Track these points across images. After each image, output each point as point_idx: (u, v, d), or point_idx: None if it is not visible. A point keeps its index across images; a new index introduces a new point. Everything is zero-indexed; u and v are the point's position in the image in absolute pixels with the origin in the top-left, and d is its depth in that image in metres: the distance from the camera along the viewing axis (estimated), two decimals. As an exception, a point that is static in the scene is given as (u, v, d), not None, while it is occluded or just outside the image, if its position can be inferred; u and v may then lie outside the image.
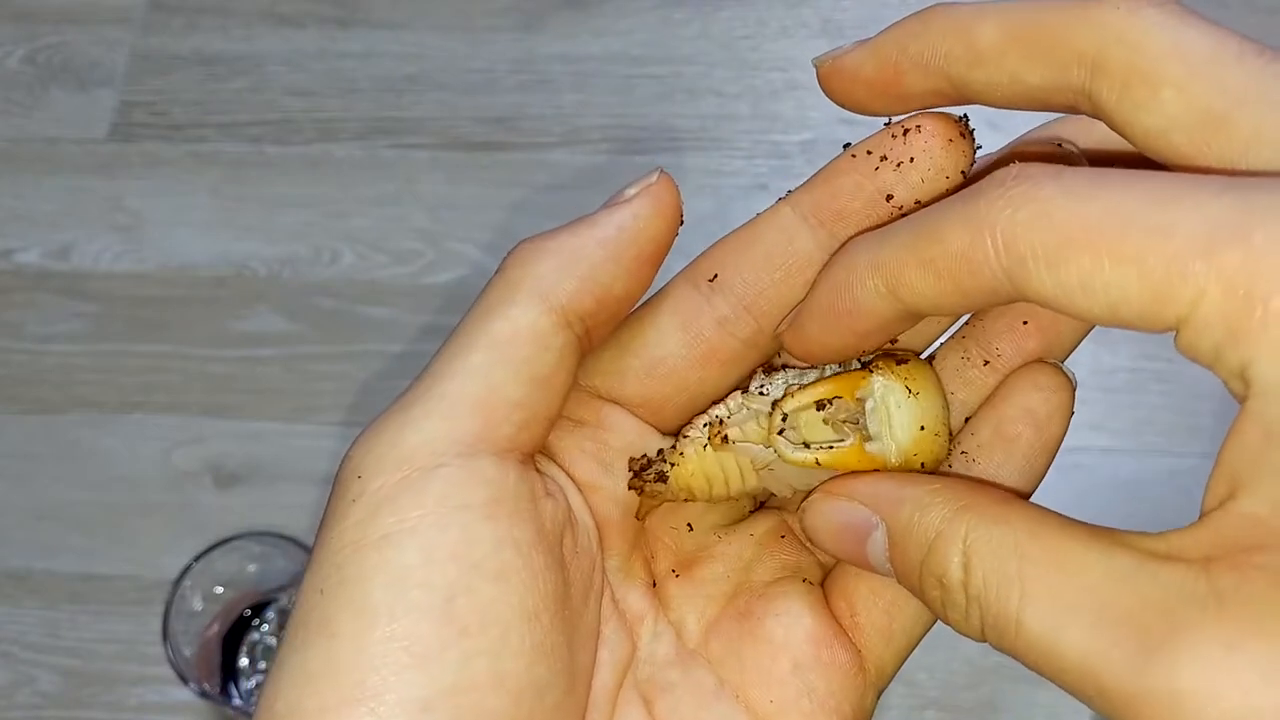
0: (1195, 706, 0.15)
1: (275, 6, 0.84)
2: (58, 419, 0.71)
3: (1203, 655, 0.15)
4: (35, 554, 0.67)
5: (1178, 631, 0.15)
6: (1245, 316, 0.15)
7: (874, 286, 0.19)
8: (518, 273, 0.21)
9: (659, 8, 0.83)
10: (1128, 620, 0.16)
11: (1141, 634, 0.16)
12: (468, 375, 0.21)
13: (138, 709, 0.63)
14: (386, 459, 0.20)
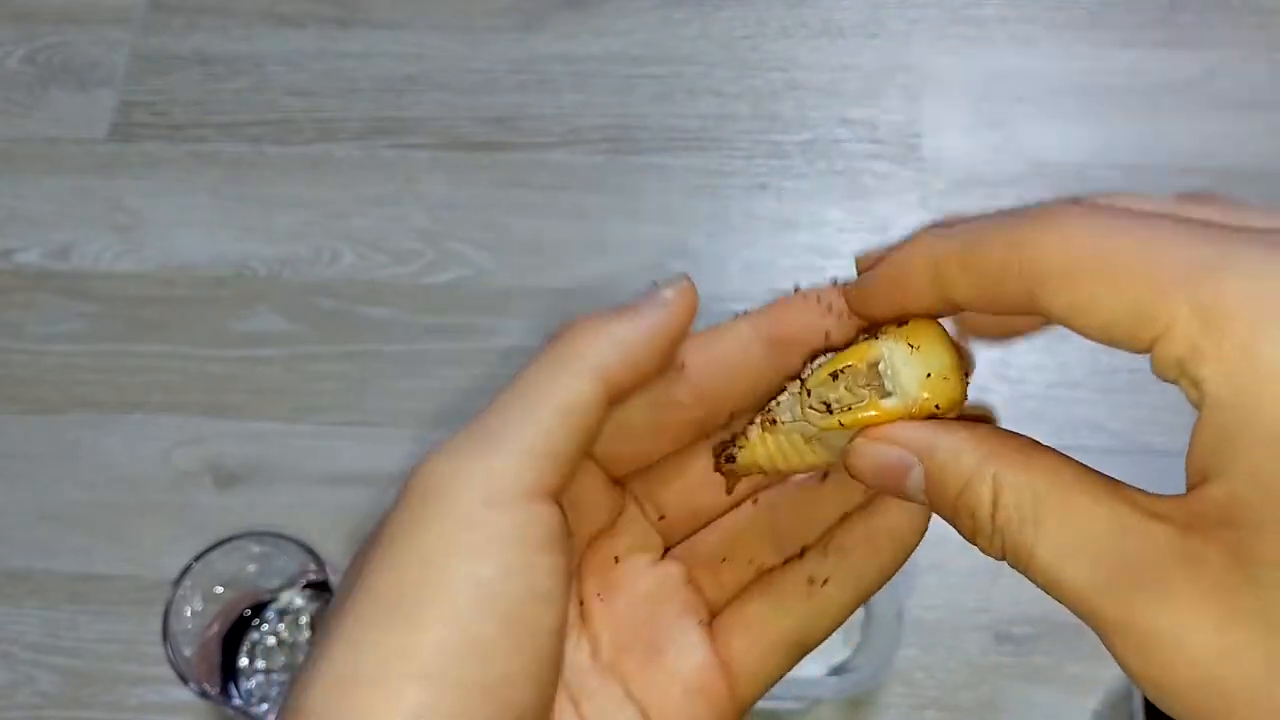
0: (1167, 643, 0.19)
1: (275, 6, 0.84)
2: (58, 419, 0.71)
3: (1178, 604, 0.19)
4: (35, 554, 0.67)
5: (1160, 581, 0.19)
6: (1205, 338, 0.18)
7: (925, 271, 0.23)
8: (580, 348, 0.25)
9: (659, 8, 0.83)
10: (1121, 564, 0.20)
11: (1131, 577, 0.20)
12: (538, 432, 0.24)
13: (138, 709, 0.63)
14: (472, 486, 0.23)
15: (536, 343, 0.68)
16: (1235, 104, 0.78)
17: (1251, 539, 0.19)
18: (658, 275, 0.78)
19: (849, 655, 0.61)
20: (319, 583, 0.59)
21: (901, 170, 0.77)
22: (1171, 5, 0.82)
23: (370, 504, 0.67)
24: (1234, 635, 0.19)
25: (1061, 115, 0.79)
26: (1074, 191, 0.77)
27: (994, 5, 0.83)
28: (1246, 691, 0.19)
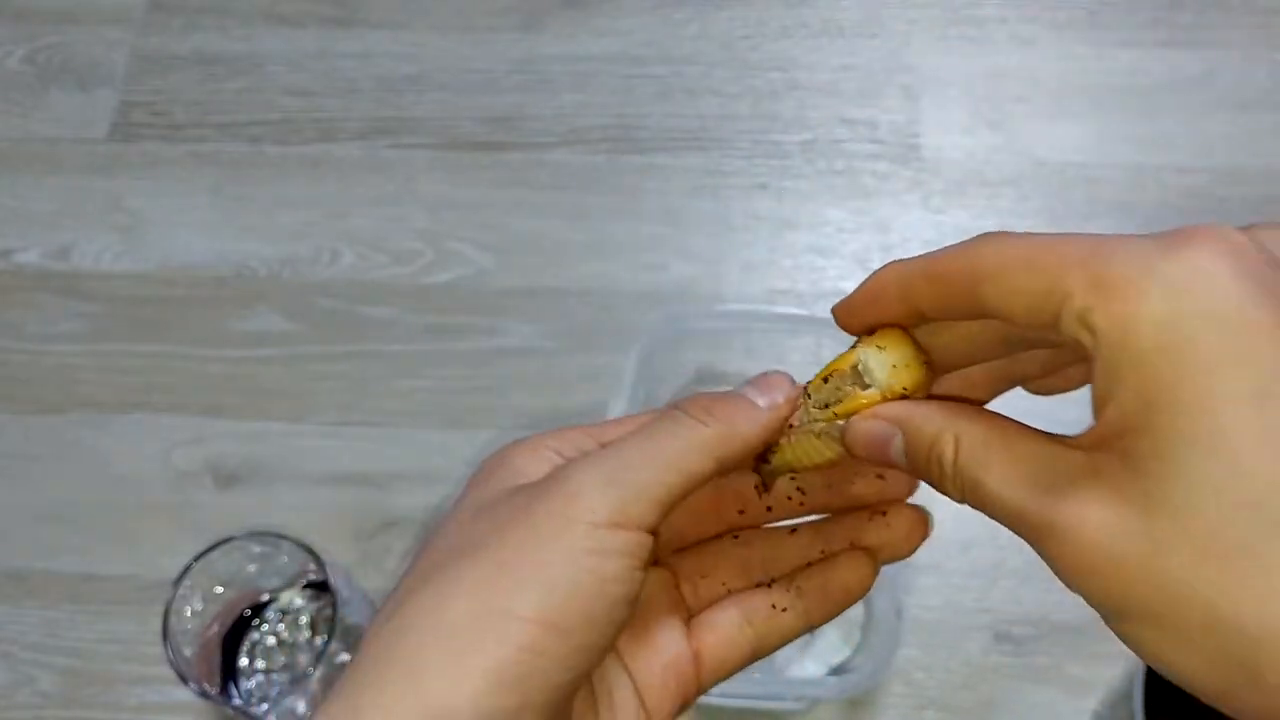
0: (1075, 533, 0.25)
1: (275, 6, 0.84)
2: (58, 419, 0.71)
3: (1083, 501, 0.25)
4: (35, 554, 0.67)
5: (1071, 487, 0.25)
6: (1096, 296, 0.24)
7: (895, 286, 0.29)
8: (710, 432, 0.31)
9: (659, 8, 0.83)
10: (1046, 483, 0.26)
11: (1052, 490, 0.25)
12: (663, 487, 0.30)
13: (138, 709, 0.63)
14: (607, 505, 0.29)
15: (536, 343, 0.68)
16: (1235, 104, 0.78)
17: (1135, 440, 0.24)
18: (658, 275, 0.78)
19: (849, 655, 0.61)
20: (319, 583, 0.59)
21: (901, 170, 0.77)
22: (1171, 5, 0.82)
23: (370, 504, 0.67)
24: (1124, 519, 0.24)
25: (1061, 115, 0.79)
26: (1073, 191, 0.77)
27: (994, 5, 0.83)
28: (1136, 560, 0.24)
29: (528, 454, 0.32)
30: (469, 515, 0.31)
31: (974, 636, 0.63)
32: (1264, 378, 0.22)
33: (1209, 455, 0.23)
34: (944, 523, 0.71)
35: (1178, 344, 0.23)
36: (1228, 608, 0.23)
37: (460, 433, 0.69)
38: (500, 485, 0.31)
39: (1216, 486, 0.23)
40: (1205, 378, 0.23)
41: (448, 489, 0.68)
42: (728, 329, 0.67)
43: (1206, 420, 0.23)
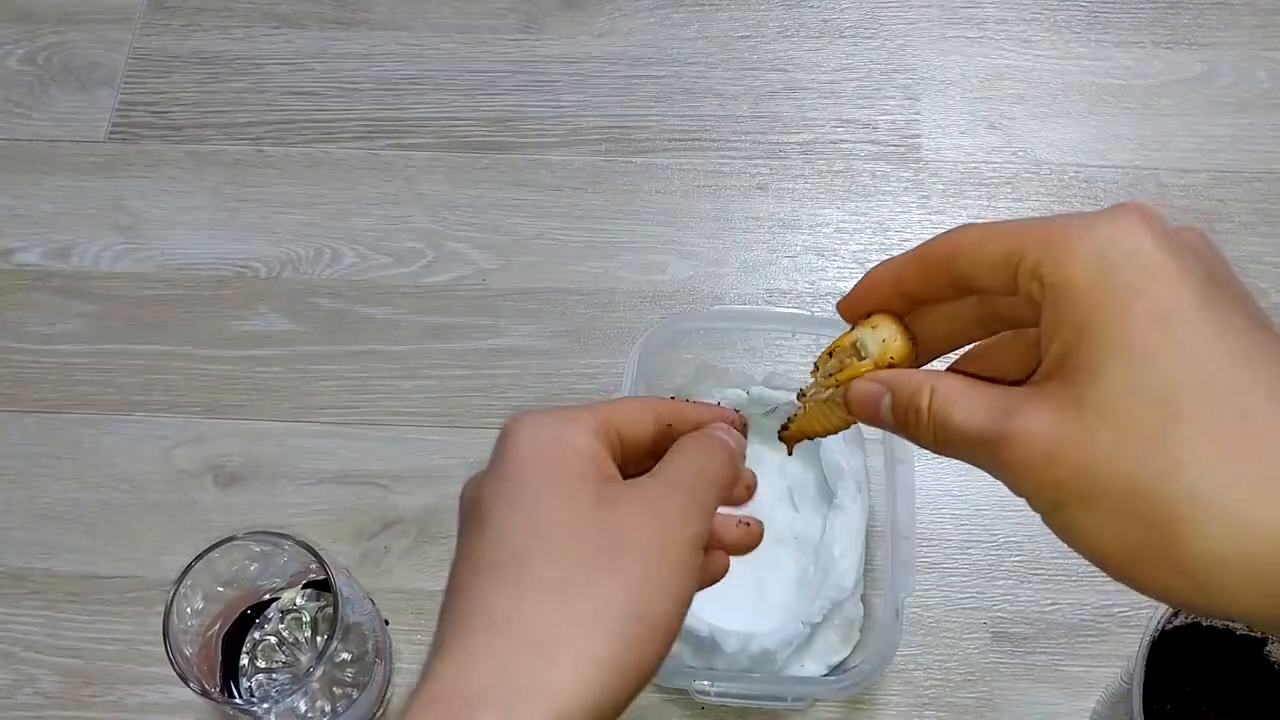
0: (1023, 439, 0.30)
1: (275, 6, 0.84)
2: (58, 419, 0.71)
3: (1030, 415, 0.30)
4: (35, 554, 0.67)
5: (1021, 408, 0.30)
6: (1045, 251, 0.30)
7: (888, 275, 0.35)
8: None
9: (659, 8, 0.83)
10: (1000, 409, 0.31)
11: (1005, 413, 0.31)
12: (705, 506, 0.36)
13: (138, 709, 0.63)
14: (695, 528, 0.35)
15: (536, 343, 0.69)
16: (1235, 104, 0.79)
17: (1072, 362, 0.29)
18: (658, 275, 0.78)
19: (848, 655, 0.61)
20: (320, 582, 0.59)
21: (901, 170, 0.77)
22: (1171, 5, 0.82)
23: (371, 503, 0.67)
24: (1061, 421, 0.29)
25: (1060, 115, 0.79)
26: (1072, 192, 0.78)
27: (993, 5, 0.83)
28: (1071, 450, 0.29)
29: (581, 434, 0.35)
30: (557, 505, 0.34)
31: (973, 636, 0.63)
32: (1169, 303, 0.29)
33: (1127, 363, 0.29)
34: (944, 523, 0.71)
35: (1104, 283, 0.29)
36: (1143, 479, 0.28)
37: (460, 433, 0.69)
38: (575, 471, 0.35)
39: (1132, 386, 0.28)
40: (1125, 306, 0.29)
41: (448, 489, 0.68)
42: (728, 329, 0.67)
43: (1125, 337, 0.29)
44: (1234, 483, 0.27)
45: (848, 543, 0.61)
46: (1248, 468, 0.27)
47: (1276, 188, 0.76)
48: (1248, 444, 0.27)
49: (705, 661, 0.59)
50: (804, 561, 0.63)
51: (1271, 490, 0.27)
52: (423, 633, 0.64)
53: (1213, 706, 0.54)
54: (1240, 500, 0.27)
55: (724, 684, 0.58)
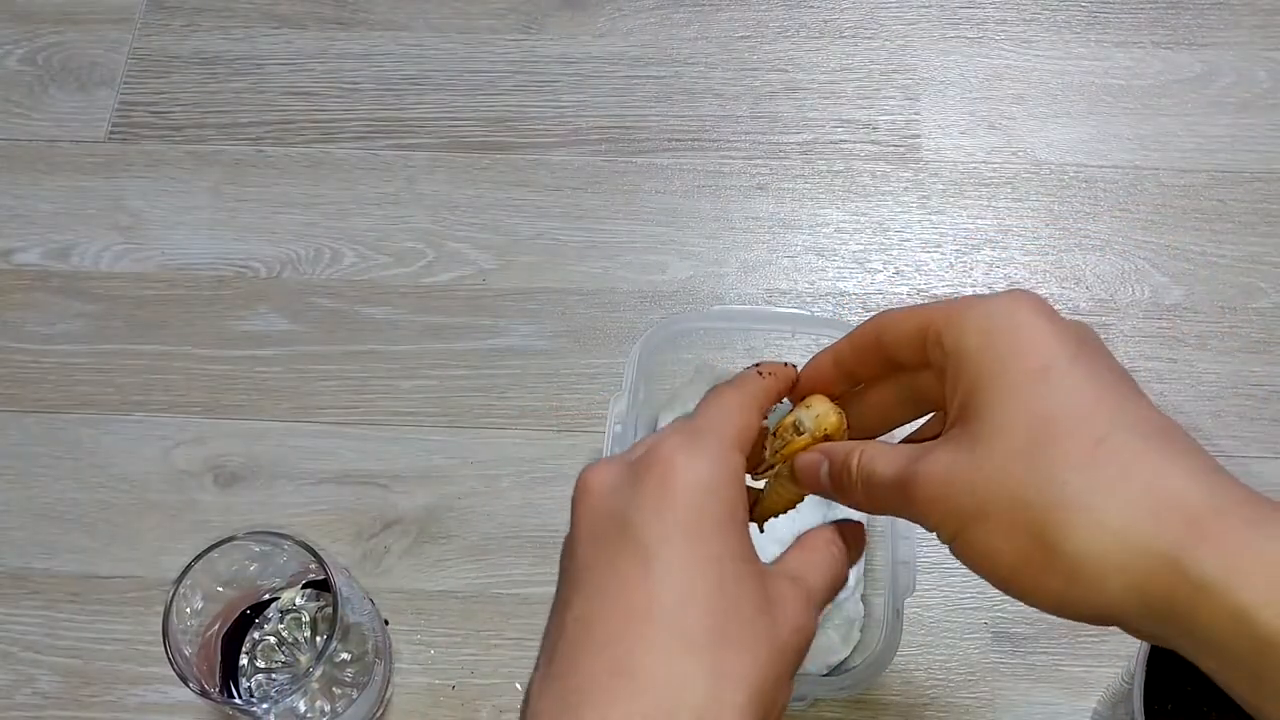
0: (924, 477, 0.35)
1: (275, 7, 0.84)
2: (58, 419, 0.71)
3: (930, 459, 0.35)
4: (35, 554, 0.67)
5: (927, 455, 0.36)
6: (943, 323, 0.36)
7: (829, 359, 0.42)
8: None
9: (659, 9, 0.83)
10: (912, 458, 0.36)
11: (915, 460, 0.36)
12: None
13: (138, 709, 0.63)
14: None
15: (536, 343, 0.69)
16: (1235, 104, 0.79)
17: (967, 411, 0.35)
18: (657, 275, 0.78)
19: (848, 655, 0.61)
20: (319, 582, 0.59)
21: (901, 170, 0.77)
22: (1171, 5, 0.82)
23: (371, 504, 0.67)
24: (957, 456, 0.35)
25: (1060, 116, 0.79)
26: (1072, 192, 0.78)
27: (993, 5, 0.83)
28: (965, 478, 0.34)
29: (738, 472, 0.38)
30: (728, 548, 0.35)
31: (973, 636, 0.63)
32: (1044, 358, 0.34)
33: (1009, 404, 0.34)
34: (943, 522, 0.70)
35: (991, 344, 0.35)
36: (1023, 494, 0.33)
37: (460, 433, 0.69)
38: (735, 515, 0.36)
39: (1013, 421, 0.34)
40: (1007, 361, 0.35)
41: (448, 489, 0.68)
42: (728, 329, 0.67)
43: (1007, 384, 0.34)
44: (1094, 490, 0.32)
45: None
46: (1105, 479, 0.32)
47: (1276, 188, 0.76)
48: (1105, 461, 0.32)
49: None
50: None
51: (1124, 494, 0.32)
52: (423, 633, 0.64)
53: (1213, 706, 0.54)
54: (1099, 504, 0.32)
55: None
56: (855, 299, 0.73)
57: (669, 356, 0.64)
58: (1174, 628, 0.31)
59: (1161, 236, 0.74)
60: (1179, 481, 0.32)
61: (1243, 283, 0.73)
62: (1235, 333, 0.71)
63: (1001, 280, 0.73)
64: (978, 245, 0.75)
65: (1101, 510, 0.31)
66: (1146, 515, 0.31)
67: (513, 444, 0.69)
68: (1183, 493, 0.31)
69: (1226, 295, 0.72)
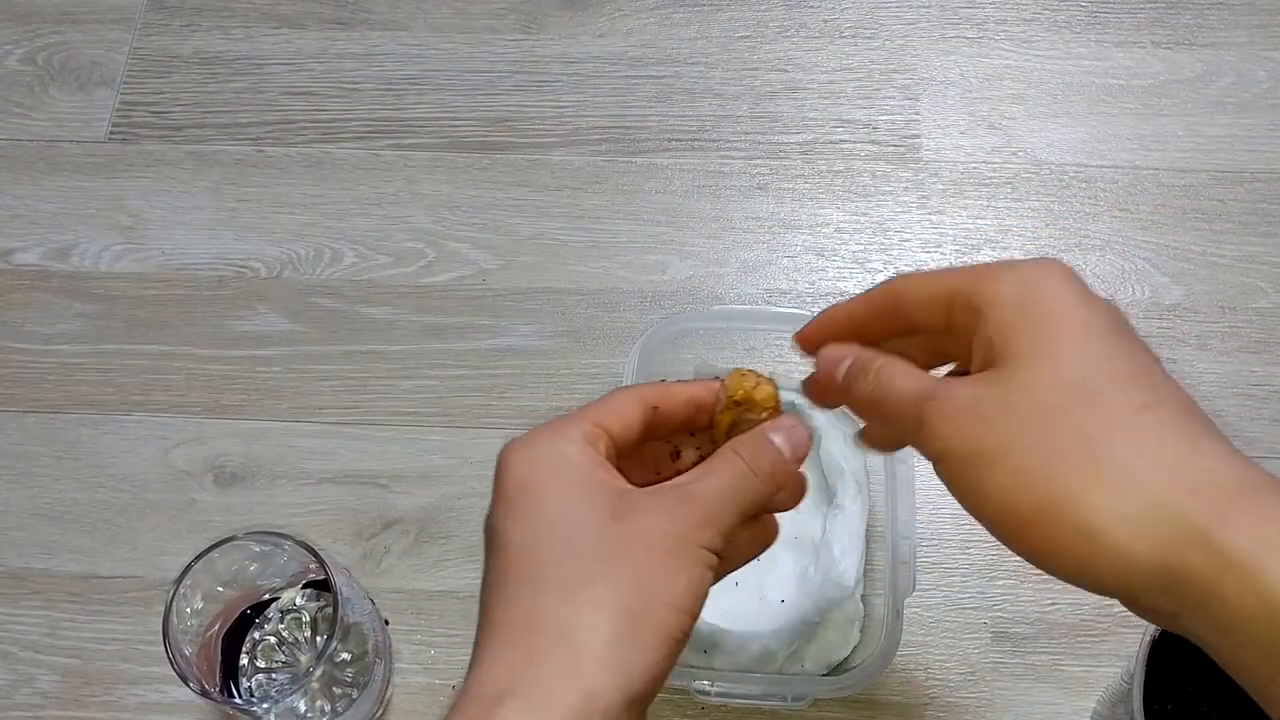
0: (947, 396, 0.35)
1: (275, 7, 0.84)
2: (58, 419, 0.71)
3: (955, 385, 0.36)
4: (35, 554, 0.67)
5: (948, 382, 0.37)
6: (974, 285, 0.37)
7: (841, 313, 0.41)
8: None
9: (659, 9, 0.83)
10: (932, 382, 0.37)
11: (936, 384, 0.37)
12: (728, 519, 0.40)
13: (138, 709, 0.63)
14: (707, 533, 0.38)
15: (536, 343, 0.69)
16: (1235, 104, 0.79)
17: (998, 358, 0.35)
18: (657, 275, 0.78)
19: (848, 655, 0.61)
20: (319, 582, 0.59)
21: (901, 170, 0.77)
22: (1171, 5, 0.82)
23: (371, 504, 0.67)
24: (985, 393, 0.35)
25: (1060, 116, 0.79)
26: (1072, 192, 0.78)
27: (993, 5, 0.83)
28: (990, 415, 0.34)
29: (571, 447, 0.38)
30: (565, 514, 0.36)
31: (973, 636, 0.63)
32: (1083, 321, 0.35)
33: (1049, 355, 0.34)
34: (944, 523, 0.71)
35: (1028, 300, 0.35)
36: (1056, 442, 0.33)
37: (460, 433, 0.69)
38: (572, 482, 0.37)
39: (1045, 379, 0.34)
40: (1045, 317, 0.35)
41: (448, 489, 0.68)
42: (727, 329, 0.67)
43: (1047, 336, 0.34)
44: (1132, 452, 0.32)
45: (848, 543, 0.61)
46: (1144, 443, 0.33)
47: (1276, 188, 0.76)
48: (1145, 427, 0.33)
49: (705, 661, 0.59)
50: (804, 561, 0.63)
51: (1161, 461, 0.32)
52: (423, 633, 0.64)
53: (1213, 706, 0.54)
54: (1136, 467, 0.32)
55: (724, 684, 0.58)
56: (855, 299, 0.73)
57: (669, 356, 0.64)
58: (1192, 602, 0.30)
59: (1161, 236, 0.74)
60: (1214, 459, 0.32)
61: (1243, 283, 0.73)
62: (1235, 333, 0.71)
63: (1001, 280, 0.73)
64: (978, 245, 0.75)
65: (1137, 472, 0.32)
66: (1181, 485, 0.31)
67: (513, 444, 0.69)
68: (1218, 468, 0.32)
69: (1226, 295, 0.72)
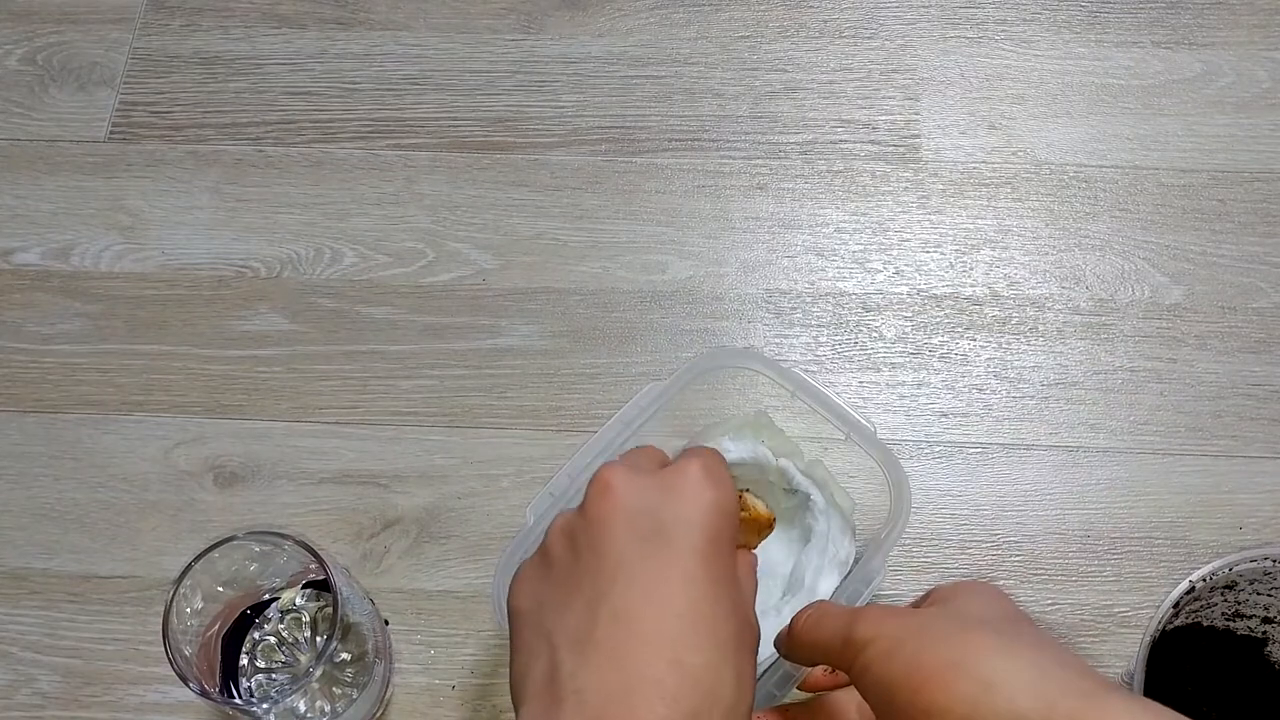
0: (863, 624, 0.40)
1: (275, 7, 0.84)
2: (58, 419, 0.71)
3: (870, 613, 0.41)
4: (35, 554, 0.67)
5: (862, 612, 0.42)
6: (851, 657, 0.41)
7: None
8: None
9: (658, 9, 0.83)
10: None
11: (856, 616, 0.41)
12: None
13: (138, 709, 0.63)
14: None
15: (536, 343, 0.69)
16: (1235, 104, 0.79)
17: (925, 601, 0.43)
18: (658, 275, 0.78)
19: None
20: (319, 582, 0.59)
21: (901, 170, 0.77)
22: (1171, 5, 0.82)
23: (371, 504, 0.67)
24: (905, 610, 0.41)
25: (1060, 115, 0.79)
26: (1072, 192, 0.77)
27: (993, 5, 0.83)
28: (908, 615, 0.40)
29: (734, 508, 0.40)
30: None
31: (973, 636, 0.63)
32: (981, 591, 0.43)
33: (955, 601, 0.43)
34: (943, 523, 0.71)
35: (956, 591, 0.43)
36: (951, 631, 0.38)
37: (460, 433, 0.69)
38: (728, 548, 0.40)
39: (957, 608, 0.42)
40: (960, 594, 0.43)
41: (448, 489, 0.68)
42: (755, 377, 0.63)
43: (954, 599, 0.42)
44: (1021, 655, 0.37)
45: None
46: (1034, 652, 0.37)
47: (1276, 188, 0.76)
48: (1040, 643, 0.38)
49: None
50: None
51: (1042, 664, 0.37)
52: (423, 633, 0.64)
53: (1213, 706, 0.54)
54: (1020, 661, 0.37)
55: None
56: (855, 299, 0.73)
57: (695, 391, 0.62)
58: None
59: (1161, 236, 0.74)
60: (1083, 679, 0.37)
61: (1243, 283, 0.73)
62: (1235, 333, 0.71)
63: (1001, 280, 0.73)
64: (978, 245, 0.75)
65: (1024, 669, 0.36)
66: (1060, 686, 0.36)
67: (513, 444, 0.69)
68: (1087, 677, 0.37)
69: (1226, 295, 0.72)
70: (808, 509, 0.61)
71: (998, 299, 0.73)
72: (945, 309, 0.73)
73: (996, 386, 0.70)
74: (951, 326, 0.72)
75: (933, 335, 0.72)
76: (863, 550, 0.60)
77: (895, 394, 0.70)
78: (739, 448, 0.62)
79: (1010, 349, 0.71)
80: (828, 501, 0.61)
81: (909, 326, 0.72)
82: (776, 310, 0.73)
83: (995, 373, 0.70)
